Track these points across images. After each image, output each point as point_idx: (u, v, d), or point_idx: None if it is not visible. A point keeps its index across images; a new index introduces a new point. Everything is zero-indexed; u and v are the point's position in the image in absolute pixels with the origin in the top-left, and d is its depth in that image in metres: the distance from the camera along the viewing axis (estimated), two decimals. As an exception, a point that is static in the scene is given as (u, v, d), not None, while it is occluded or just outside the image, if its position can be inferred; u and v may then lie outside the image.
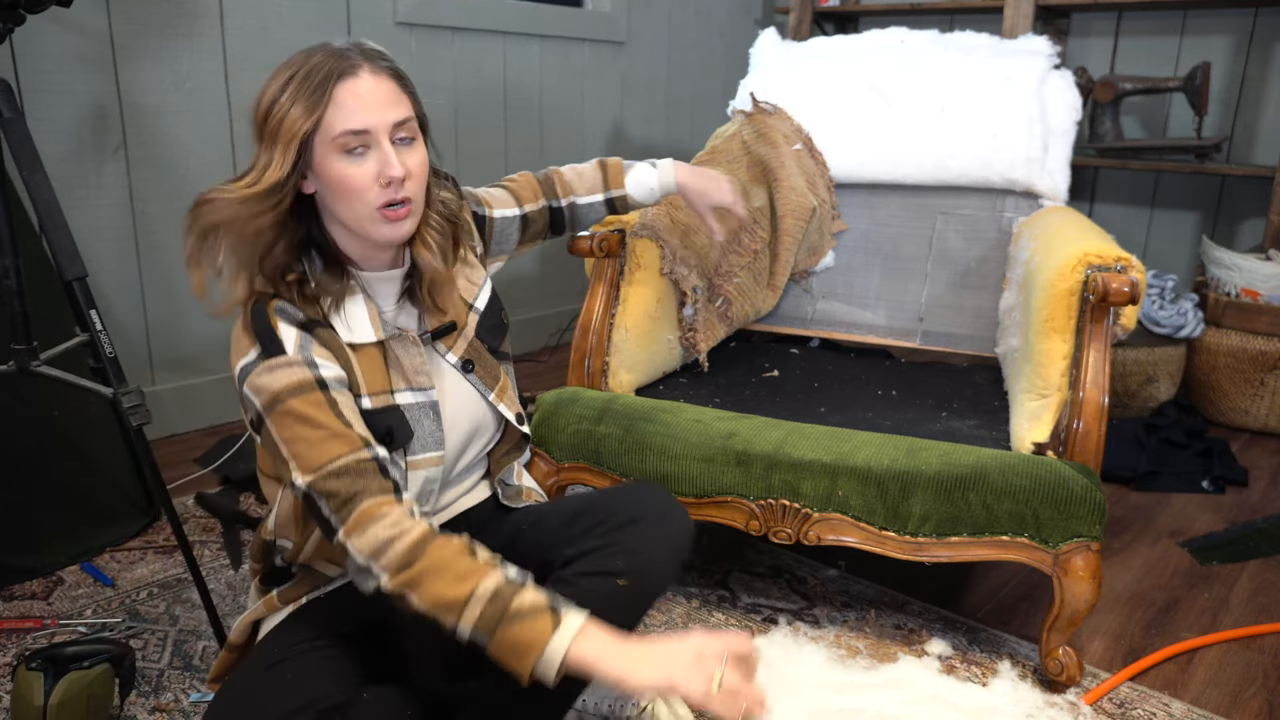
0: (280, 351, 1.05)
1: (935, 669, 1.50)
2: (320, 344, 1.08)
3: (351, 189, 1.06)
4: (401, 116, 1.08)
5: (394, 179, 1.06)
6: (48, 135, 2.05)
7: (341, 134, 1.04)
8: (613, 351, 1.76)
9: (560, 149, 3.18)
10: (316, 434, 1.03)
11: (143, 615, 1.60)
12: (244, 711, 1.05)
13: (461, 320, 1.26)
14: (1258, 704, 1.45)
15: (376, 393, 1.13)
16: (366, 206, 1.07)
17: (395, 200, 1.08)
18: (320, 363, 1.06)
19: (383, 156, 1.06)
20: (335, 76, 1.05)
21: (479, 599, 0.97)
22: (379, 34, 2.59)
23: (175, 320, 2.37)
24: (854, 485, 1.44)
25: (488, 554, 1.03)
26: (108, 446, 1.88)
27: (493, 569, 1.00)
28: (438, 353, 1.23)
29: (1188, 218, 3.11)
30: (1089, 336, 1.47)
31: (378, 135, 1.06)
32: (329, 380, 1.06)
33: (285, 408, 1.03)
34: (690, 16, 3.55)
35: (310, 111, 1.04)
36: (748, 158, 2.14)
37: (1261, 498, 2.22)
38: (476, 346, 1.26)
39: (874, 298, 2.18)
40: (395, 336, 1.17)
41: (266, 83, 1.06)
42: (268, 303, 1.08)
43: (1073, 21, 3.24)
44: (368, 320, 1.14)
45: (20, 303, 1.49)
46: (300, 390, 1.04)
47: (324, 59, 1.05)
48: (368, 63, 1.07)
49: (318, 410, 1.04)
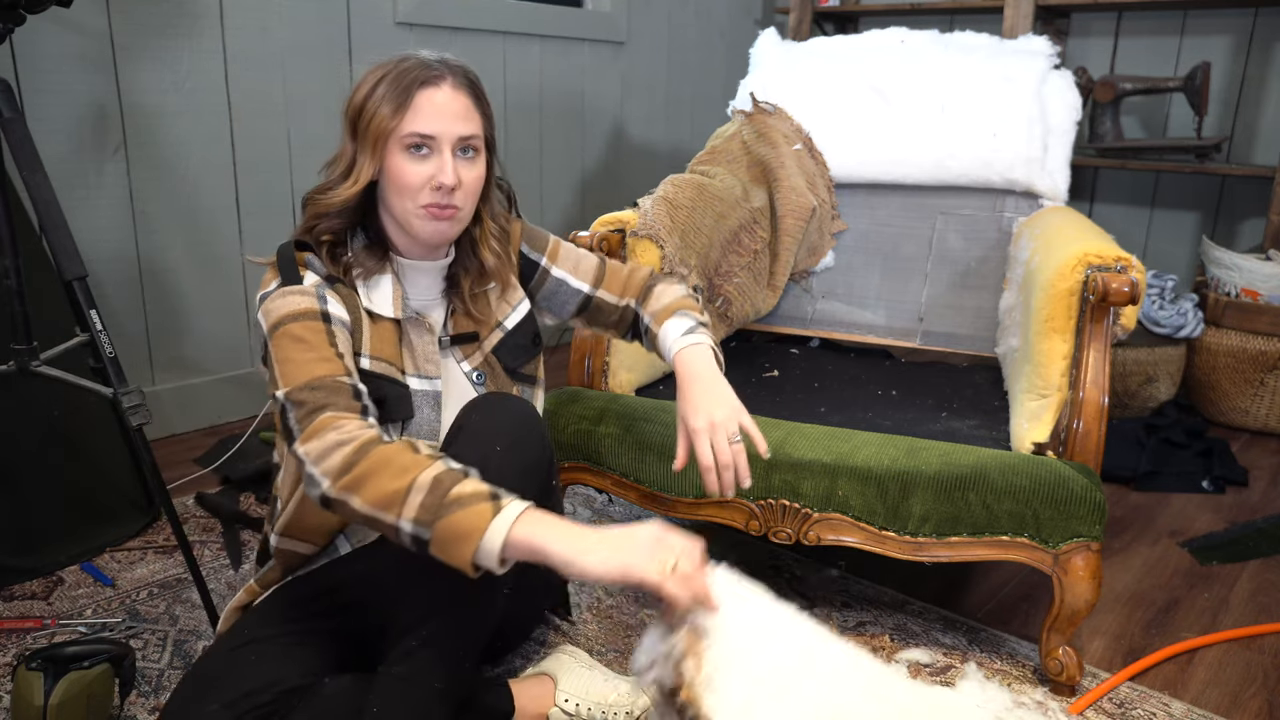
0: (297, 281, 1.14)
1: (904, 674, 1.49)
2: (335, 295, 1.16)
3: (405, 185, 1.15)
4: (468, 132, 1.17)
5: (445, 185, 1.15)
6: (48, 135, 2.05)
7: (410, 134, 1.14)
8: (613, 351, 1.76)
9: (560, 149, 3.18)
10: (307, 355, 1.09)
11: (143, 615, 1.60)
12: (206, 689, 1.09)
13: (485, 333, 1.31)
14: (1258, 704, 1.45)
15: (381, 359, 1.19)
16: (414, 203, 1.16)
17: (440, 204, 1.15)
18: (329, 299, 1.14)
19: (441, 164, 1.15)
20: (419, 82, 1.14)
21: (419, 488, 0.95)
22: (379, 34, 2.59)
23: (175, 320, 2.37)
24: (854, 485, 1.44)
25: (430, 448, 1.02)
26: (108, 446, 1.87)
27: (434, 460, 0.99)
28: (454, 357, 1.27)
29: (1188, 218, 3.11)
30: (1089, 336, 1.47)
31: (441, 143, 1.15)
32: (333, 316, 1.14)
33: (285, 329, 1.10)
34: (690, 16, 3.55)
35: (395, 112, 1.13)
36: (748, 158, 2.14)
37: (1261, 498, 2.22)
38: (492, 362, 1.30)
39: (874, 298, 2.18)
40: (411, 320, 1.23)
41: (360, 82, 1.17)
42: (296, 246, 1.18)
43: (1073, 21, 3.24)
44: (390, 297, 1.21)
45: (20, 303, 1.49)
46: (303, 316, 1.11)
47: (414, 66, 1.15)
48: (452, 77, 1.17)
49: (314, 335, 1.10)
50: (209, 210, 2.38)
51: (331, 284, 1.17)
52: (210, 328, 2.43)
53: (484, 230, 1.27)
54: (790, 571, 1.80)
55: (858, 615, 1.66)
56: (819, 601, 1.70)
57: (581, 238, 1.76)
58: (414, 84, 1.14)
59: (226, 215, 2.42)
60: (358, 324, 1.18)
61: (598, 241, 1.75)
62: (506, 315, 1.33)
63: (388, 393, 1.18)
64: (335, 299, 1.16)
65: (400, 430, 1.20)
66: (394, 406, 1.18)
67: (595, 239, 1.75)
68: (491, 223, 1.29)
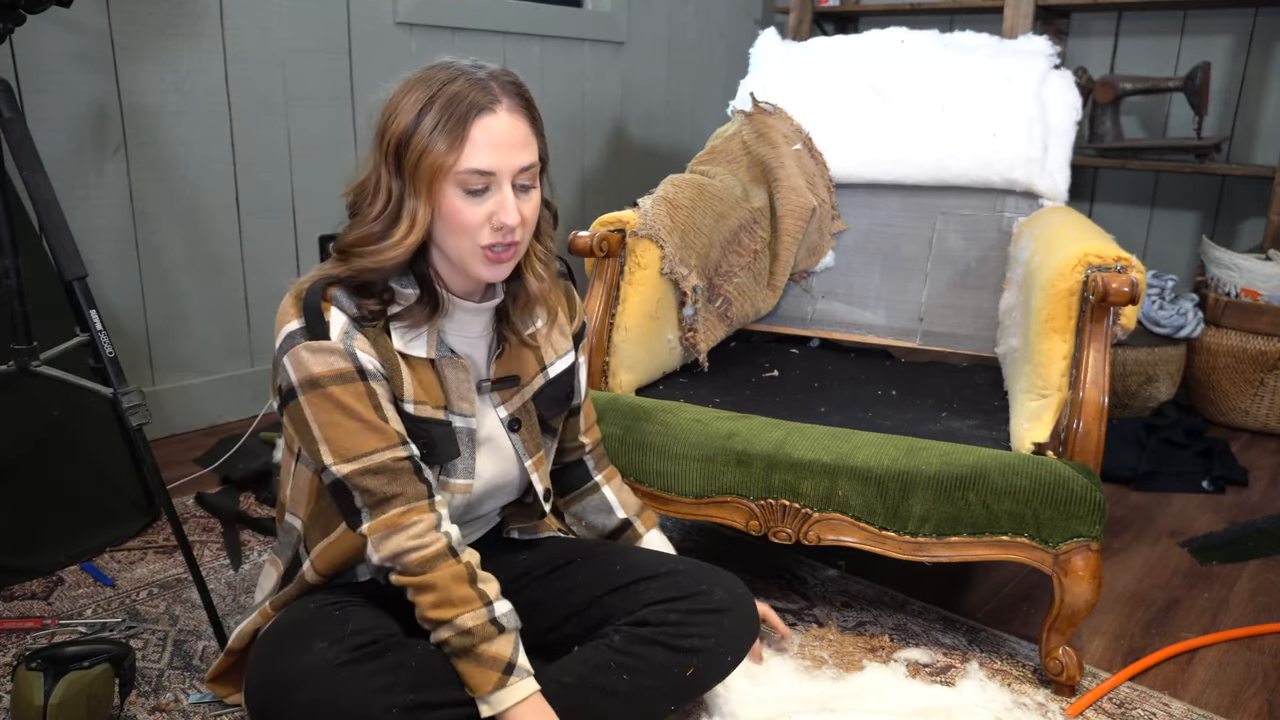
0: (324, 334, 1.05)
1: (902, 673, 1.49)
2: (365, 340, 1.07)
3: (462, 225, 1.05)
4: (528, 162, 1.06)
5: (507, 226, 1.05)
6: (48, 135, 2.05)
7: (467, 171, 1.03)
8: (613, 351, 1.76)
9: (560, 149, 3.17)
10: (353, 424, 1.05)
11: (143, 615, 1.60)
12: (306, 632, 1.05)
13: (526, 377, 1.24)
14: (1258, 704, 1.45)
15: (424, 402, 1.12)
16: (473, 244, 1.06)
17: (503, 244, 1.06)
18: (360, 354, 1.06)
19: (501, 201, 1.05)
20: (476, 110, 1.02)
21: (454, 628, 1.05)
22: (379, 34, 2.59)
23: (175, 320, 2.37)
24: (854, 485, 1.44)
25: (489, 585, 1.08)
26: (108, 446, 1.87)
27: (481, 606, 1.05)
28: (490, 401, 1.21)
29: (1188, 218, 3.11)
30: (1089, 336, 1.47)
31: (501, 179, 1.04)
32: (369, 371, 1.06)
33: (325, 393, 1.04)
34: (690, 16, 3.55)
35: (452, 149, 1.01)
36: (748, 158, 2.14)
37: (1261, 498, 2.22)
38: (529, 409, 1.24)
39: (874, 298, 2.18)
40: (446, 358, 1.15)
41: (396, 97, 1.04)
42: (324, 287, 1.07)
43: (1073, 21, 3.24)
44: (426, 339, 1.13)
45: (20, 303, 1.49)
46: (341, 379, 1.05)
47: (465, 88, 1.02)
48: (507, 99, 1.05)
49: (357, 400, 1.05)
50: (209, 210, 2.38)
51: (360, 325, 1.07)
52: (210, 328, 2.43)
53: (531, 254, 1.16)
54: (790, 571, 1.80)
55: (858, 615, 1.66)
56: (819, 601, 1.70)
57: (581, 238, 1.76)
58: (470, 112, 1.02)
59: (226, 215, 2.42)
60: (394, 369, 1.10)
61: (598, 242, 1.75)
62: (552, 361, 1.27)
63: (435, 434, 1.13)
64: (366, 348, 1.07)
65: (440, 471, 1.15)
66: (442, 448, 1.14)
67: (595, 239, 1.75)
68: (538, 244, 1.17)
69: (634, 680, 1.12)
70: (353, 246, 1.06)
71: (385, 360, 1.09)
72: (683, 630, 1.15)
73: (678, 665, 1.14)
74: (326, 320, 1.05)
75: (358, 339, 1.07)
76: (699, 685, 1.18)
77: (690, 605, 1.17)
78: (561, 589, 1.25)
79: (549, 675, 1.12)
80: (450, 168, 1.02)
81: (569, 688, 1.11)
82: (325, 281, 1.07)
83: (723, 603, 1.19)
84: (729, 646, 1.20)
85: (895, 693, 1.43)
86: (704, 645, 1.15)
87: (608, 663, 1.13)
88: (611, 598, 1.20)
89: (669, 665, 1.13)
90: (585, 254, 1.76)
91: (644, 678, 1.12)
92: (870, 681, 1.46)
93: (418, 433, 1.11)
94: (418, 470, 1.08)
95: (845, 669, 1.49)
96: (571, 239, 1.77)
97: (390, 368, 1.09)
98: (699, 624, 1.16)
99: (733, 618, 1.19)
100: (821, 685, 1.45)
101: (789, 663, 1.49)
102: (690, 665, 1.14)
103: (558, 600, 1.24)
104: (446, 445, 1.14)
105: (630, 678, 1.12)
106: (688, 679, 1.15)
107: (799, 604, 1.69)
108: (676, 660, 1.14)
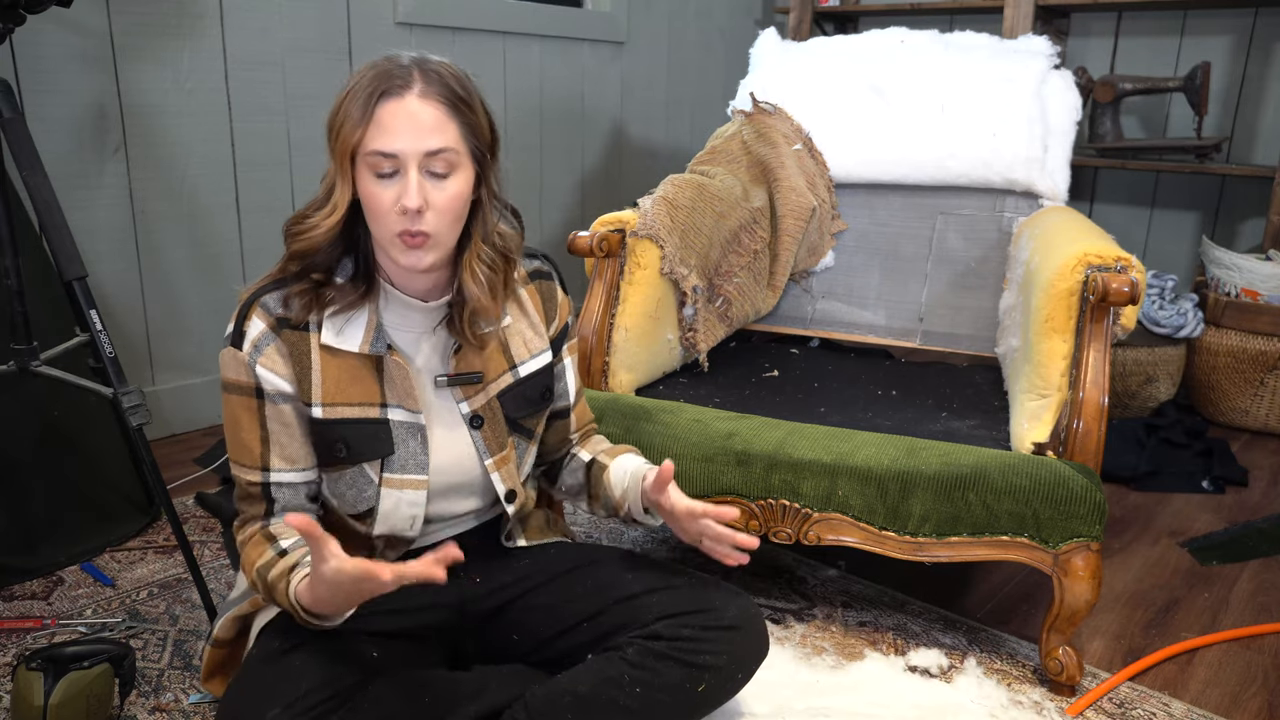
0: (239, 344, 1.11)
1: (900, 666, 1.49)
2: (278, 349, 1.11)
3: (374, 210, 1.06)
4: (436, 146, 1.04)
5: (409, 209, 1.04)
6: (48, 135, 2.05)
7: (372, 153, 1.04)
8: (613, 351, 1.76)
9: (560, 149, 3.18)
10: (237, 434, 1.14)
11: (143, 615, 1.60)
12: (260, 697, 1.05)
13: (492, 374, 1.23)
14: (1258, 704, 1.45)
15: (339, 403, 1.13)
16: (387, 229, 1.06)
17: (409, 230, 1.06)
18: (262, 371, 1.11)
19: (404, 185, 1.04)
20: (380, 94, 1.03)
21: (256, 574, 1.11)
22: (379, 34, 2.59)
23: (175, 320, 2.37)
24: (854, 485, 1.44)
25: (283, 537, 1.14)
26: (108, 446, 1.88)
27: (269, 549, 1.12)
28: (452, 396, 1.20)
29: (1188, 218, 3.11)
30: (1089, 336, 1.47)
31: (406, 162, 1.04)
32: (266, 392, 1.12)
33: (228, 398, 1.14)
34: (690, 17, 3.55)
35: (357, 126, 1.04)
36: (748, 158, 2.14)
37: (1261, 498, 2.22)
38: (494, 407, 1.23)
39: (874, 298, 2.18)
40: (384, 354, 1.15)
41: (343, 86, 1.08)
42: (258, 295, 1.12)
43: (1073, 21, 3.24)
44: (361, 332, 1.13)
45: (20, 303, 1.49)
46: (240, 390, 1.13)
47: (378, 75, 1.04)
48: (422, 84, 1.05)
49: (245, 413, 1.13)
50: (209, 210, 2.38)
51: (280, 330, 1.10)
52: (210, 328, 2.43)
53: (470, 255, 1.13)
54: (790, 571, 1.80)
55: (858, 615, 1.66)
56: (819, 601, 1.70)
57: (581, 238, 1.76)
58: (375, 95, 1.03)
59: (226, 215, 2.42)
60: (305, 374, 1.11)
61: (598, 242, 1.75)
62: (524, 360, 1.25)
63: (351, 434, 1.13)
64: (273, 362, 1.10)
65: (382, 467, 1.15)
66: (365, 446, 1.14)
67: (595, 239, 1.75)
68: (483, 246, 1.14)
69: (646, 694, 1.12)
70: (290, 226, 1.11)
71: (297, 364, 1.12)
72: (697, 646, 1.15)
73: (690, 681, 1.14)
74: (244, 331, 1.11)
75: (265, 353, 1.11)
76: (709, 702, 1.18)
77: (703, 621, 1.17)
78: (566, 596, 1.24)
79: (562, 685, 1.12)
80: (357, 147, 1.04)
81: (583, 699, 1.11)
82: (263, 289, 1.12)
83: (735, 620, 1.19)
84: (740, 665, 1.20)
85: (892, 686, 1.44)
86: (716, 662, 1.15)
87: (621, 675, 1.12)
88: (621, 607, 1.20)
89: (681, 681, 1.13)
90: (585, 254, 1.76)
91: (656, 692, 1.11)
92: (867, 673, 1.47)
93: (329, 435, 1.13)
94: (267, 495, 1.15)
95: (846, 658, 1.50)
96: (571, 239, 1.77)
97: (301, 371, 1.12)
98: (711, 640, 1.16)
99: (744, 635, 1.19)
100: (819, 673, 1.46)
101: (789, 650, 1.50)
102: (702, 682, 1.14)
103: (562, 607, 1.24)
104: (373, 442, 1.14)
105: (643, 691, 1.12)
106: (699, 695, 1.15)
107: (799, 604, 1.69)
108: (689, 676, 1.14)
